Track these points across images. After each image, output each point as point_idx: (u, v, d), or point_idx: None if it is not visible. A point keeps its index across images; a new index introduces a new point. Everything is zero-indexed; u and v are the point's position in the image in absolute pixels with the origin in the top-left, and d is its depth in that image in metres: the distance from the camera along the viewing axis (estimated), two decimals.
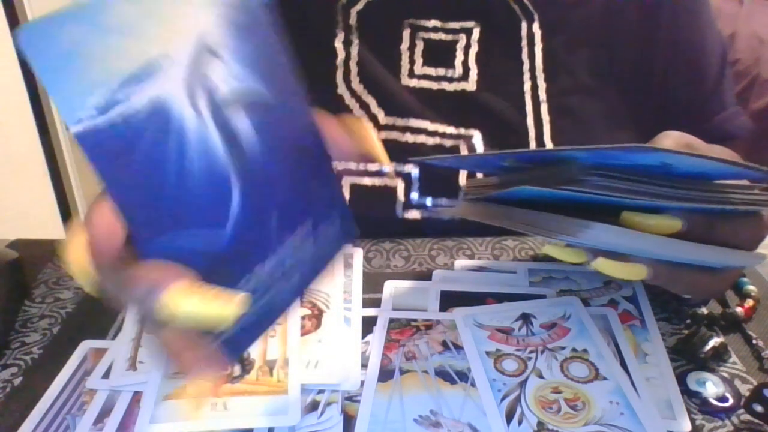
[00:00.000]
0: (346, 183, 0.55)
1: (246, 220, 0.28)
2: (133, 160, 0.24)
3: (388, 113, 0.56)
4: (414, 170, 0.55)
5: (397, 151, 0.55)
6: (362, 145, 0.33)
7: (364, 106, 0.56)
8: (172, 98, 0.25)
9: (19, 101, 1.54)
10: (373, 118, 0.55)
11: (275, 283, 0.30)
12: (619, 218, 0.35)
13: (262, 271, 0.30)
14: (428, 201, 0.56)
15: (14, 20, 1.48)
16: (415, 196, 0.56)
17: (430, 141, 0.55)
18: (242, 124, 0.27)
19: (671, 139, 0.39)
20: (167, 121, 0.25)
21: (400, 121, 0.55)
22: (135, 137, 0.24)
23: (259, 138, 0.28)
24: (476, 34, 0.57)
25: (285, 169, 0.30)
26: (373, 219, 0.55)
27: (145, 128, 0.24)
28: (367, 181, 0.55)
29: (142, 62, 0.24)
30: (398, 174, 0.56)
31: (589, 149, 0.34)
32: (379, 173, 0.55)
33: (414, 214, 0.55)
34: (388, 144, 0.55)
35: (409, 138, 0.55)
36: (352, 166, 0.54)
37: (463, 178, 0.56)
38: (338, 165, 0.54)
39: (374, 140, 0.34)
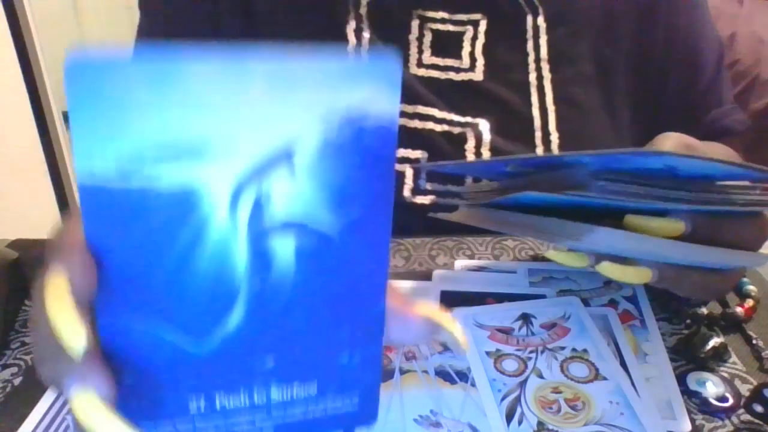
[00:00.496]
0: None
1: (235, 346, 0.24)
2: (132, 235, 0.21)
3: None
4: (422, 156, 0.56)
5: (405, 137, 0.56)
6: (437, 327, 0.28)
7: None
8: (208, 192, 0.21)
9: (19, 101, 1.54)
10: None
11: (234, 419, 0.26)
12: (623, 222, 0.35)
13: (223, 401, 0.25)
14: (436, 186, 0.56)
15: (14, 20, 1.48)
16: (422, 182, 0.56)
17: (438, 128, 0.56)
18: (284, 250, 0.23)
19: (671, 141, 0.39)
20: (189, 213, 0.22)
21: (408, 108, 0.56)
22: (145, 215, 0.21)
23: (297, 273, 0.24)
24: (483, 26, 0.58)
25: (312, 317, 0.25)
26: None
27: (160, 210, 0.21)
28: None
29: (192, 136, 0.20)
30: (405, 160, 0.56)
31: (595, 154, 0.34)
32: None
33: (422, 200, 0.56)
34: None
35: (417, 124, 0.56)
36: None
37: (469, 183, 0.56)
38: None
39: (454, 325, 0.28)
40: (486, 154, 0.56)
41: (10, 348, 0.42)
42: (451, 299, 0.45)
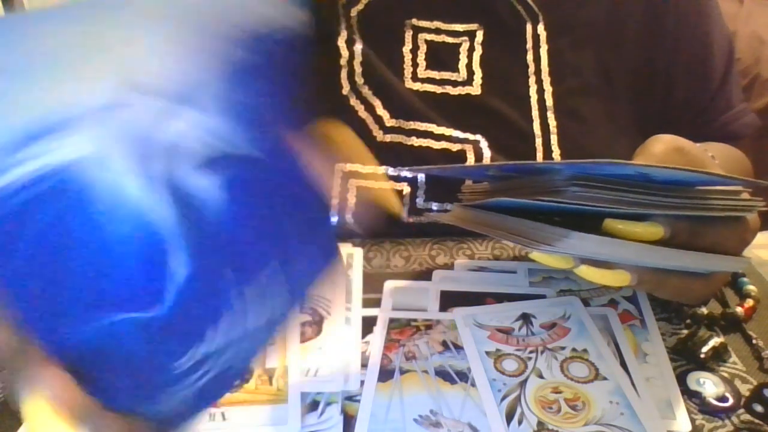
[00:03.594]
0: (352, 186, 0.54)
1: (193, 290, 0.23)
2: (25, 240, 0.19)
3: (393, 115, 0.55)
4: (420, 175, 0.55)
5: (403, 155, 0.54)
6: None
7: (370, 108, 0.55)
8: (88, 159, 0.19)
9: None
10: (379, 120, 0.55)
11: (234, 342, 0.25)
12: (602, 226, 0.36)
13: (216, 334, 0.24)
14: (434, 206, 0.55)
15: None
16: (420, 201, 0.55)
17: (436, 145, 0.54)
18: (212, 187, 0.22)
19: (662, 144, 0.39)
20: (79, 189, 0.19)
21: (405, 124, 0.55)
22: (31, 210, 0.19)
23: (233, 204, 0.23)
24: (480, 36, 0.56)
25: (251, 222, 0.24)
26: (380, 224, 0.55)
27: (45, 199, 0.19)
28: (372, 184, 0.54)
29: (38, 114, 0.18)
30: (403, 178, 0.55)
31: (568, 163, 0.34)
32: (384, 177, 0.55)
33: (419, 218, 0.55)
34: (393, 147, 0.54)
35: (415, 142, 0.54)
36: (360, 168, 0.54)
37: (469, 183, 0.55)
38: (346, 167, 0.54)
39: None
40: None
41: None
42: (451, 299, 0.45)
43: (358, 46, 0.55)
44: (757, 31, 0.93)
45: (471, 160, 0.55)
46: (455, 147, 0.55)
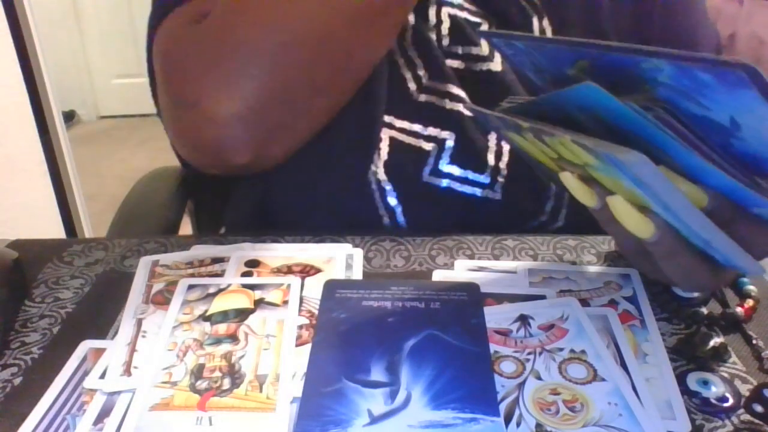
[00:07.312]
0: (386, 135, 0.56)
1: None
2: None
3: (431, 77, 0.57)
4: (450, 139, 0.56)
5: (436, 116, 0.56)
6: None
7: (411, 66, 0.57)
8: None
9: (19, 101, 1.54)
10: (418, 80, 0.56)
11: None
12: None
13: None
14: (455, 170, 0.56)
15: (14, 20, 1.48)
16: (443, 162, 0.56)
17: (467, 111, 0.56)
18: None
19: None
20: None
21: (440, 86, 0.56)
22: None
23: None
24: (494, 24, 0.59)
25: None
26: (400, 177, 0.56)
27: None
28: (404, 138, 0.56)
29: None
30: (433, 138, 0.56)
31: (673, 57, 0.33)
32: (415, 134, 0.56)
33: (438, 181, 0.56)
34: (427, 106, 0.56)
35: (447, 104, 0.56)
36: (394, 121, 0.56)
37: (492, 157, 0.56)
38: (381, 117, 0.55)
39: None
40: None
41: (10, 348, 0.42)
42: None
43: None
44: (757, 32, 0.93)
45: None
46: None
